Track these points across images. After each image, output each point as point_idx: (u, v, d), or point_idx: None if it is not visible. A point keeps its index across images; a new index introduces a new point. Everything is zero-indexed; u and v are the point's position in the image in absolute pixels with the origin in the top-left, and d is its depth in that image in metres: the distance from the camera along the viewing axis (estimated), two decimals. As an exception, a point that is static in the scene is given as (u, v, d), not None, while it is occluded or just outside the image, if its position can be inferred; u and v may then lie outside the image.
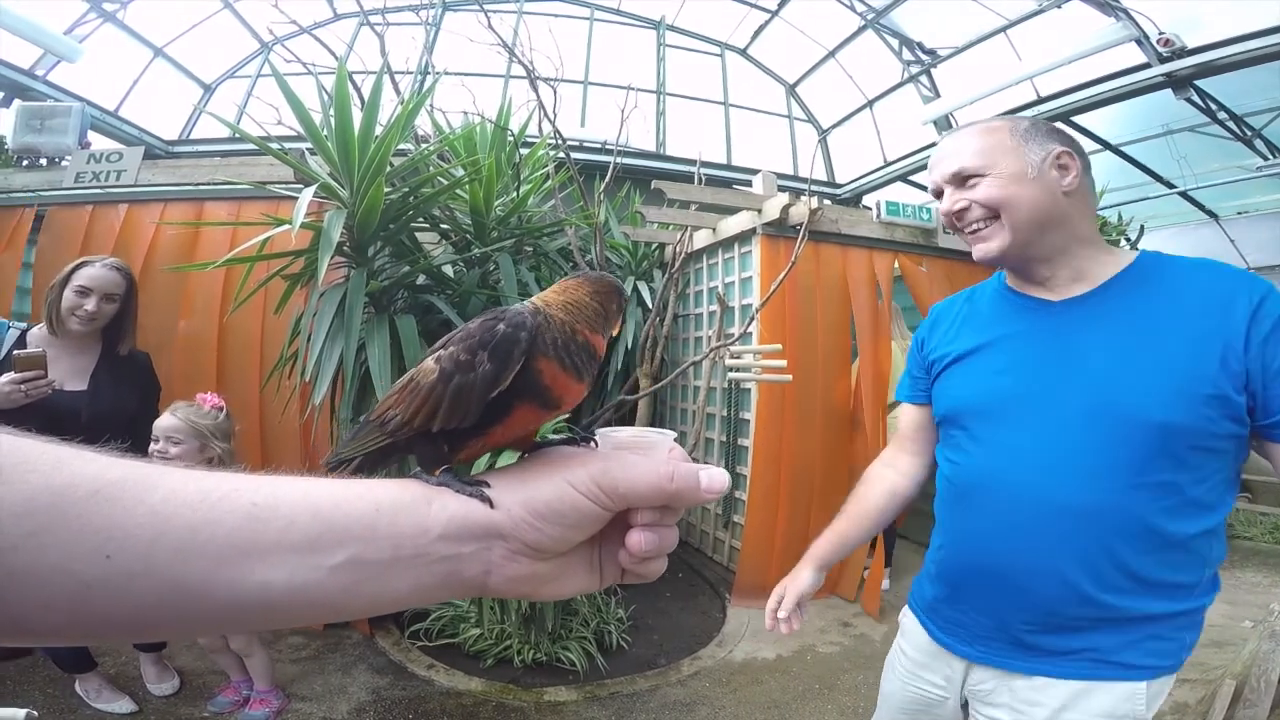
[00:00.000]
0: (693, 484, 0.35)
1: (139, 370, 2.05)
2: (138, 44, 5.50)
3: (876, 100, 6.86)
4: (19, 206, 2.85)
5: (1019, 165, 0.90)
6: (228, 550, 0.30)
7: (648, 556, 0.36)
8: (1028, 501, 0.89)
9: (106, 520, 0.28)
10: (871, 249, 3.41)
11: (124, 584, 0.28)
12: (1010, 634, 0.92)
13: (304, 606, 0.32)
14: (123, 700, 2.11)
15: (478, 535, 0.34)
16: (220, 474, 0.32)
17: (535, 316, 0.39)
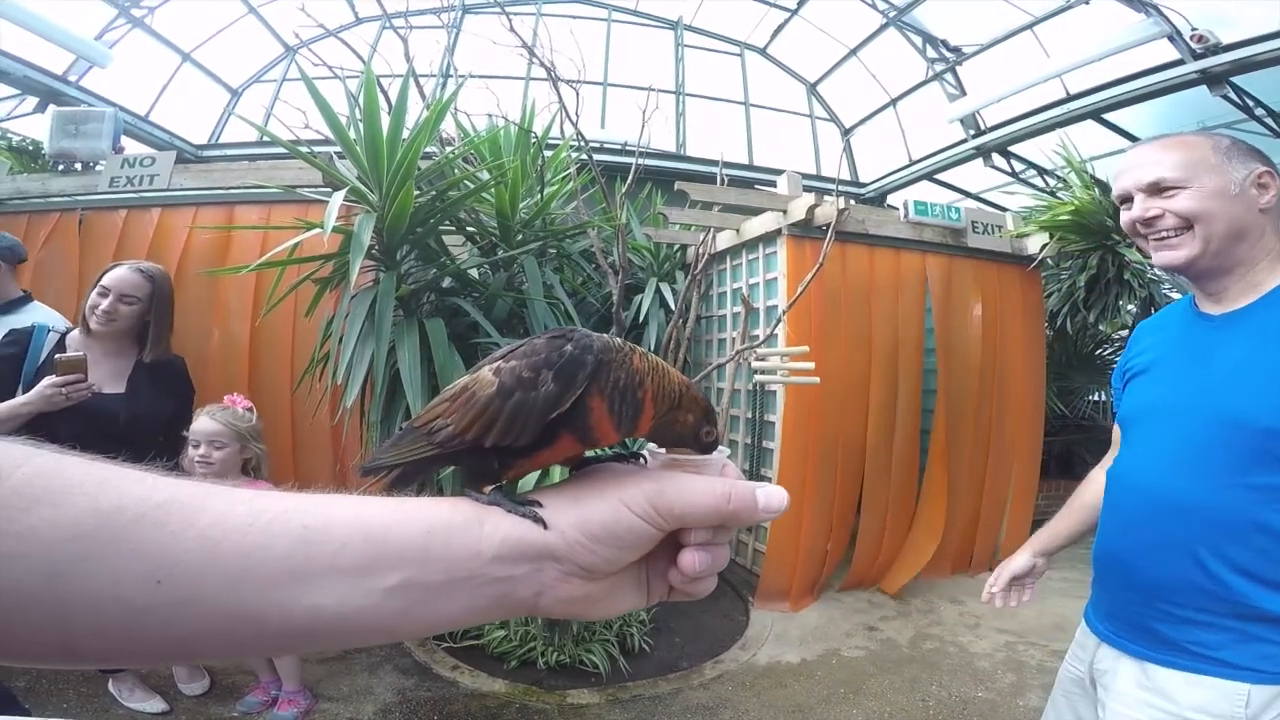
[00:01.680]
0: (750, 504, 0.34)
1: (175, 374, 2.07)
2: (166, 49, 5.60)
3: (900, 99, 6.77)
4: (56, 211, 2.92)
5: (1222, 182, 0.94)
6: (280, 575, 0.29)
7: (700, 576, 0.35)
8: (1145, 496, 0.98)
9: (156, 545, 0.28)
10: (899, 249, 3.37)
11: (175, 610, 0.28)
12: (1129, 617, 0.99)
13: (355, 630, 0.31)
14: (154, 700, 2.14)
15: (531, 557, 0.33)
16: (268, 494, 0.32)
17: (608, 348, 0.37)
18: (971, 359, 3.48)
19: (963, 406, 3.46)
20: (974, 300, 3.51)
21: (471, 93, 4.27)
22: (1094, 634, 1.07)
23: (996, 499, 3.57)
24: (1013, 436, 3.58)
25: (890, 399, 3.28)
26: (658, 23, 7.27)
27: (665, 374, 0.38)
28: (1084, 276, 3.79)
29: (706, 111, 7.03)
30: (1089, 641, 1.09)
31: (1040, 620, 2.92)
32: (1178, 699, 0.91)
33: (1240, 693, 0.87)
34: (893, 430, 3.29)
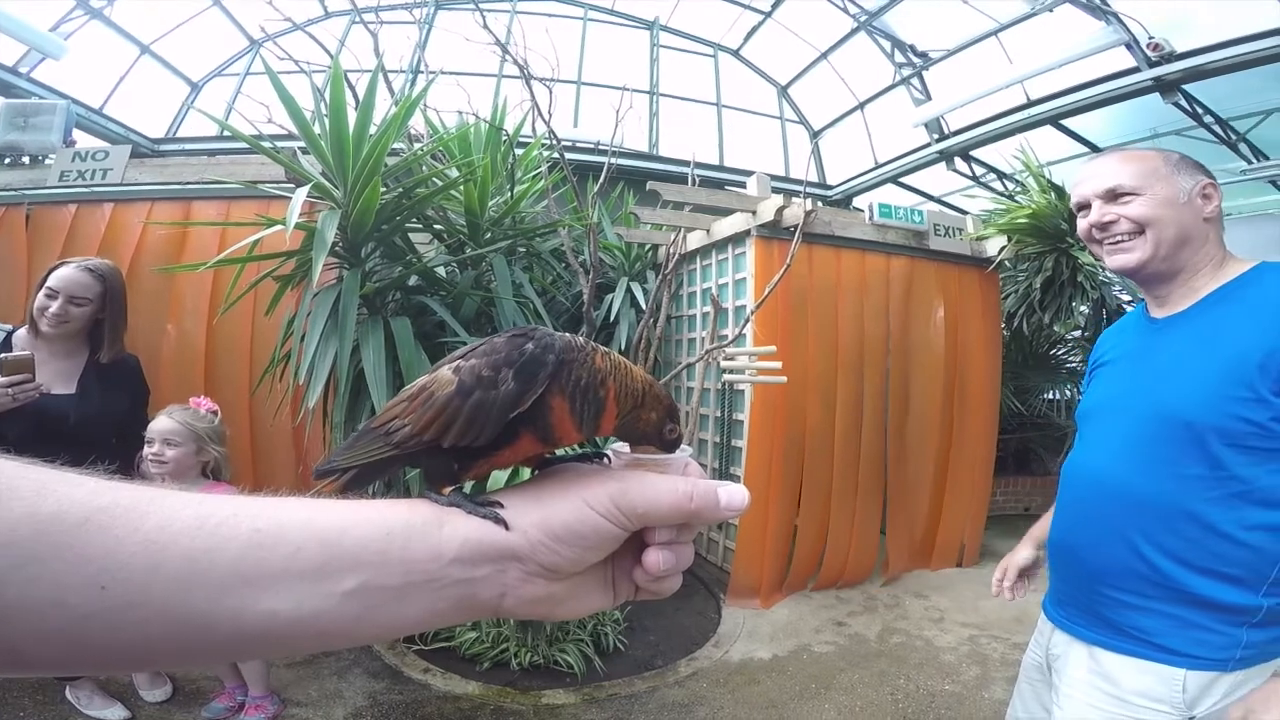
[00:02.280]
0: (712, 502, 0.35)
1: (128, 374, 2.01)
2: (124, 41, 5.42)
3: (868, 102, 6.90)
4: (1, 205, 2.79)
5: (1172, 191, 1.01)
6: (230, 579, 0.29)
7: (664, 575, 0.36)
8: (1092, 487, 1.05)
9: (99, 550, 0.27)
10: (864, 251, 3.43)
11: (122, 616, 0.27)
12: (1080, 603, 1.05)
13: (313, 635, 0.31)
14: (115, 707, 2.07)
15: (493, 558, 0.33)
16: (217, 498, 0.31)
17: (569, 347, 0.37)
18: (934, 358, 3.57)
19: (925, 405, 3.55)
20: (936, 301, 3.60)
21: (443, 89, 4.23)
22: (1050, 621, 1.13)
23: (958, 495, 3.67)
24: (970, 434, 3.68)
25: (856, 398, 3.35)
26: (634, 22, 7.28)
27: (628, 372, 0.38)
28: (1040, 278, 3.91)
29: (680, 112, 7.07)
30: (1046, 628, 1.14)
31: (1001, 614, 3.01)
32: (1121, 683, 0.95)
33: (1177, 678, 0.91)
34: (860, 428, 3.35)
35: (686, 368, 3.20)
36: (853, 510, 3.37)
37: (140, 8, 5.36)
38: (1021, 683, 1.22)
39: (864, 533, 3.42)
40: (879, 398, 3.44)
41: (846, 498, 3.35)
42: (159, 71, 5.78)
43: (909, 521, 3.56)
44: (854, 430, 3.34)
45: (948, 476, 3.63)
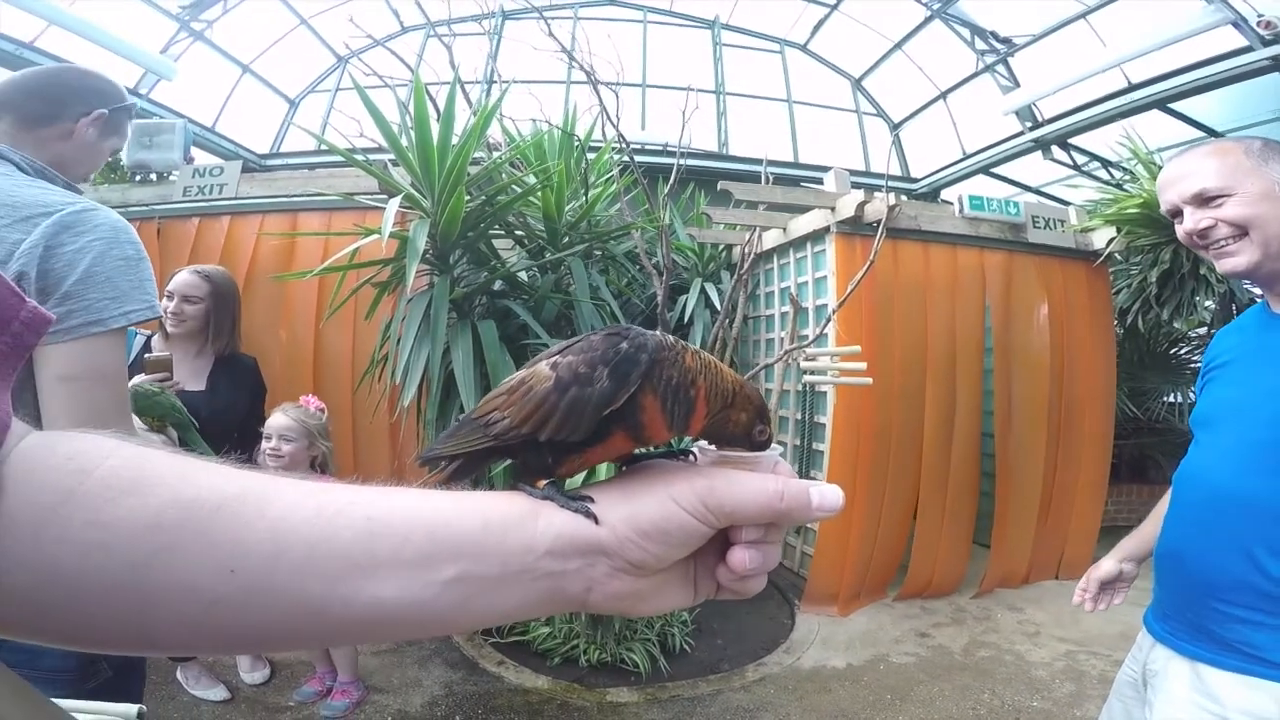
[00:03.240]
0: (804, 502, 0.33)
1: (248, 373, 2.18)
2: (226, 61, 5.85)
3: (950, 92, 6.57)
4: (136, 220, 3.07)
5: (1265, 184, 0.94)
6: (344, 566, 0.30)
7: (750, 575, 0.35)
8: (1206, 493, 0.98)
9: (230, 536, 0.28)
10: (955, 246, 3.27)
11: (245, 600, 0.28)
12: (1185, 617, 0.99)
13: (415, 622, 0.32)
14: (218, 688, 2.25)
15: (583, 552, 0.33)
16: (335, 487, 0.32)
17: (662, 346, 0.37)
18: (1036, 359, 3.34)
19: (1027, 409, 3.33)
20: (1037, 298, 3.37)
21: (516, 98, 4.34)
22: (1150, 635, 1.07)
23: (1065, 504, 3.42)
24: (1080, 440, 3.42)
25: (948, 401, 3.18)
26: (694, 22, 7.23)
27: (719, 372, 0.38)
28: (1156, 272, 3.59)
29: (749, 110, 6.95)
30: (1145, 643, 1.09)
31: (1105, 629, 2.78)
32: (1224, 700, 0.90)
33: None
34: (951, 434, 3.18)
35: (764, 369, 3.13)
36: (942, 518, 3.20)
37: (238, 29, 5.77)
38: (1113, 699, 1.16)
39: (954, 542, 3.25)
40: (974, 400, 3.25)
41: (935, 505, 3.19)
42: (260, 89, 6.23)
43: (1008, 532, 3.34)
44: (945, 434, 3.17)
45: (1054, 485, 3.39)
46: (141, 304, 0.91)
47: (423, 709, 2.25)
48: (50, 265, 0.84)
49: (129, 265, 0.90)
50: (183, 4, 5.17)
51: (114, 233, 0.90)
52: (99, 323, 0.86)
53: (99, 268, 0.87)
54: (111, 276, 0.88)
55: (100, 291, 0.87)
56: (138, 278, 0.91)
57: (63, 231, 0.86)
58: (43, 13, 3.95)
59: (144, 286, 0.92)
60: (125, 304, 0.89)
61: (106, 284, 0.87)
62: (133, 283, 0.90)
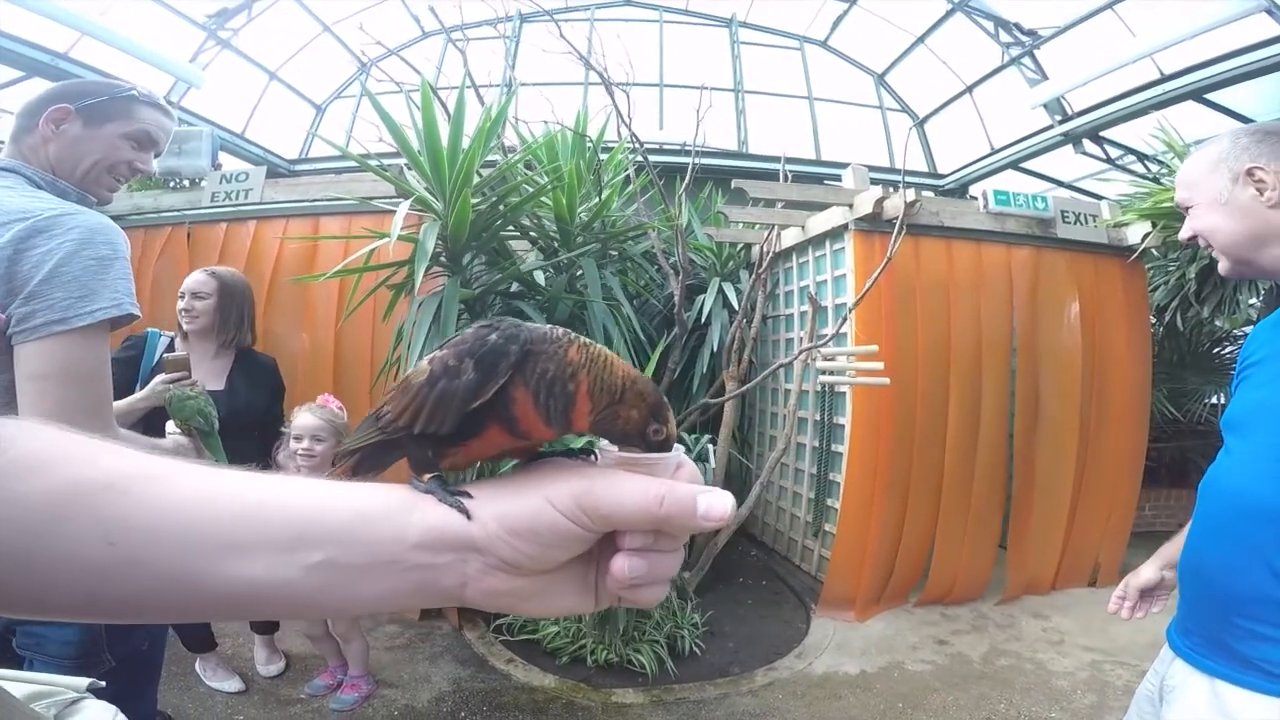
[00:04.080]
0: (687, 509, 0.32)
1: (267, 372, 2.23)
2: (254, 69, 6.00)
3: (976, 86, 6.41)
4: (168, 225, 3.19)
5: (1211, 193, 0.92)
6: (216, 544, 0.31)
7: (636, 584, 0.33)
8: (1230, 502, 0.93)
9: (115, 511, 0.31)
10: (979, 242, 3.18)
11: (124, 571, 0.31)
12: (1206, 632, 0.94)
13: (282, 601, 0.33)
14: (233, 680, 2.31)
15: (454, 547, 0.33)
16: (228, 472, 0.34)
17: (539, 339, 0.36)
18: (1065, 358, 3.22)
19: (1056, 410, 3.21)
20: (1067, 295, 3.25)
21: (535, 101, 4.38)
22: (1171, 648, 1.03)
23: (1094, 509, 3.29)
24: (1113, 442, 3.29)
25: (973, 402, 3.09)
26: (711, 21, 7.19)
27: (608, 366, 0.36)
28: (1195, 268, 3.44)
29: (769, 108, 6.88)
30: (1166, 656, 1.05)
31: (1135, 638, 2.67)
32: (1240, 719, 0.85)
33: None
34: (976, 436, 3.08)
35: (779, 368, 3.09)
36: (965, 522, 3.11)
37: (264, 36, 5.90)
38: (1131, 713, 1.12)
39: (978, 546, 3.15)
40: (1001, 400, 3.15)
41: (959, 508, 3.10)
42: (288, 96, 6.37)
43: (1035, 537, 3.23)
44: (969, 435, 3.08)
45: (1082, 489, 3.27)
46: (109, 302, 0.91)
47: (429, 704, 2.28)
48: (18, 267, 0.87)
49: (100, 265, 0.91)
50: (209, 13, 5.30)
51: (88, 234, 0.91)
52: (63, 321, 0.87)
53: (66, 268, 0.88)
54: (79, 276, 0.89)
55: (66, 291, 0.88)
56: (109, 277, 0.92)
57: (35, 235, 0.88)
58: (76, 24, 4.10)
59: (114, 285, 0.92)
60: (92, 303, 0.89)
61: (73, 283, 0.88)
62: (103, 281, 0.91)
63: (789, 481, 3.58)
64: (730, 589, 3.32)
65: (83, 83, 1.12)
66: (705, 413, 3.29)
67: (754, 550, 3.86)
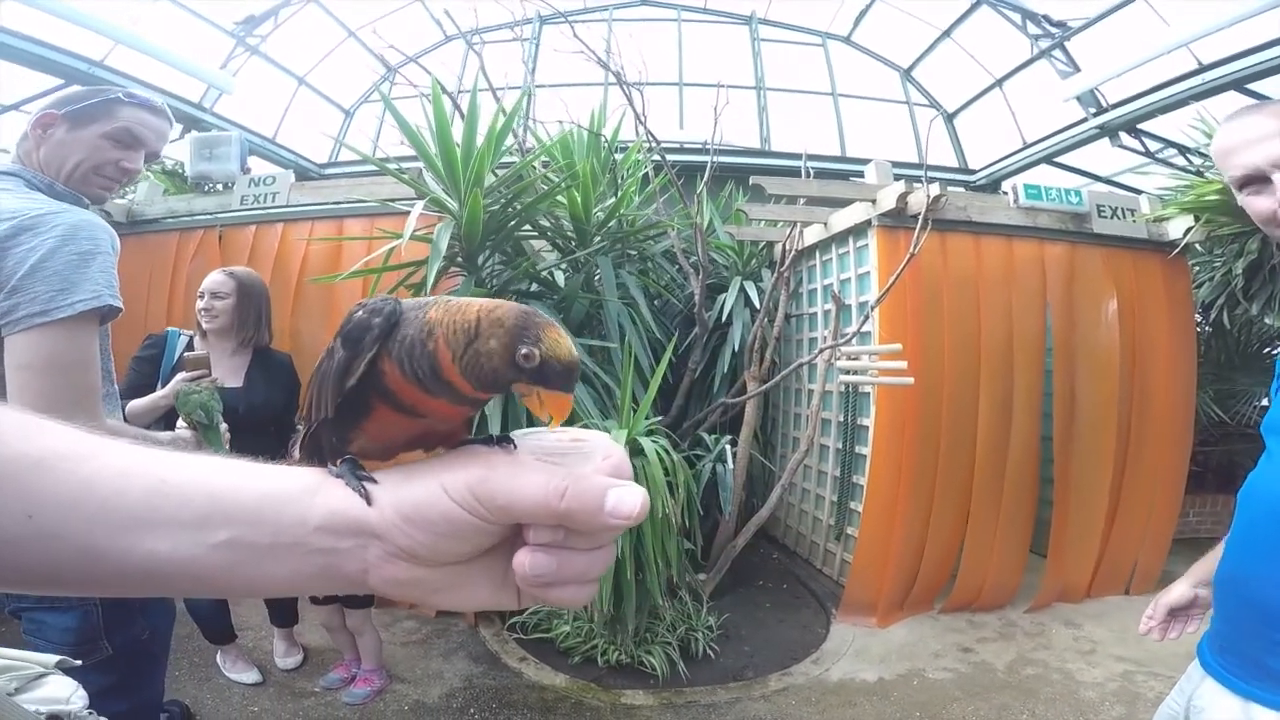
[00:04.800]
0: (593, 505, 0.30)
1: (283, 369, 2.28)
2: (283, 74, 6.12)
3: (1006, 79, 6.24)
4: (200, 228, 3.28)
5: None
6: (127, 520, 0.32)
7: (542, 582, 0.31)
8: (1271, 508, 0.87)
9: (37, 486, 0.31)
10: (1010, 237, 3.08)
11: (38, 543, 0.31)
12: (1241, 649, 0.89)
13: (187, 577, 0.33)
14: (251, 672, 2.36)
15: (353, 531, 0.32)
16: (153, 452, 0.34)
17: (405, 309, 0.34)
18: (1103, 357, 3.10)
19: (1093, 411, 3.08)
20: (1104, 292, 3.12)
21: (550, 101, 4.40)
22: (1201, 666, 0.97)
23: (1133, 514, 3.15)
24: (1154, 445, 3.15)
25: (1004, 402, 2.98)
26: (731, 19, 7.13)
27: (464, 309, 0.33)
28: (1242, 263, 3.28)
29: (793, 105, 6.77)
30: (1195, 674, 1.00)
31: (1171, 648, 2.49)
32: None
33: None
34: (1007, 437, 2.98)
35: (799, 368, 3.03)
36: (995, 527, 3.01)
37: (291, 42, 6.02)
38: None
39: (1008, 552, 3.04)
40: (1033, 401, 3.04)
41: (988, 513, 2.99)
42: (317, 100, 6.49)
43: (1070, 542, 3.10)
44: (1000, 437, 2.97)
45: (1122, 493, 3.13)
46: (89, 294, 0.94)
47: (440, 700, 2.29)
48: (3, 263, 0.91)
49: (82, 260, 0.95)
50: (237, 20, 5.43)
51: (71, 230, 0.95)
52: (44, 313, 0.91)
53: (48, 263, 0.92)
54: (60, 270, 0.92)
55: (47, 285, 0.91)
56: (90, 271, 0.95)
57: (21, 232, 0.93)
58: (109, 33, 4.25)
59: (95, 279, 0.95)
60: (72, 295, 0.92)
61: (54, 277, 0.92)
62: (84, 275, 0.94)
63: (811, 483, 3.51)
64: (749, 592, 3.27)
65: (75, 90, 1.17)
66: (726, 413, 3.26)
67: (775, 553, 3.80)
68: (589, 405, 2.55)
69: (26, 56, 3.87)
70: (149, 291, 3.15)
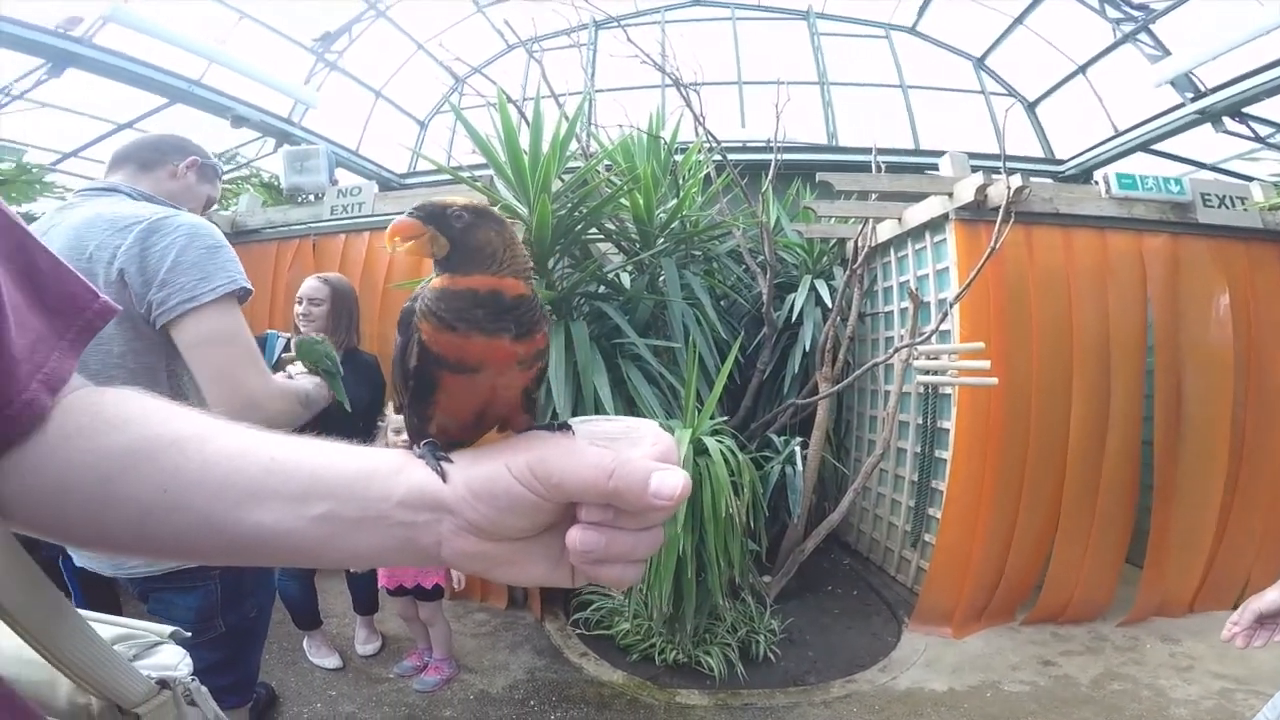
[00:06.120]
0: (638, 485, 0.32)
1: (371, 369, 2.44)
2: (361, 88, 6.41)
3: (1089, 65, 5.88)
4: (296, 238, 3.50)
5: None
6: (242, 495, 0.36)
7: (592, 559, 0.33)
8: None
9: (171, 463, 0.36)
10: (1104, 229, 2.89)
11: (171, 514, 0.36)
12: None
13: (287, 548, 0.36)
14: (333, 657, 2.50)
15: (431, 506, 0.35)
16: (268, 435, 0.38)
17: None
18: (1215, 356, 2.86)
19: (1203, 414, 2.86)
20: (1214, 286, 2.88)
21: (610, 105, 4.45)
22: None
23: (1248, 524, 2.89)
24: (1276, 450, 2.88)
25: (1100, 404, 2.79)
26: (787, 15, 7.01)
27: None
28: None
29: (859, 99, 6.58)
30: None
31: (1275, 664, 2.35)
32: None
33: None
34: (1103, 441, 2.79)
35: (872, 368, 2.95)
36: (1088, 536, 2.82)
37: (366, 56, 6.30)
38: None
39: (1101, 562, 2.84)
40: (1134, 403, 2.84)
41: (1080, 521, 2.81)
42: (393, 112, 6.75)
43: (1173, 554, 2.87)
44: (1095, 441, 2.79)
45: (1234, 502, 2.88)
46: (225, 279, 1.11)
47: (503, 692, 2.36)
48: (146, 262, 1.07)
49: (209, 253, 1.11)
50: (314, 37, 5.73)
51: (192, 229, 1.11)
52: (193, 299, 1.07)
53: (183, 258, 1.08)
54: (196, 263, 1.09)
55: (188, 276, 1.08)
56: (219, 260, 1.11)
57: (151, 234, 1.08)
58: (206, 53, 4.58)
59: (226, 267, 1.12)
60: (212, 281, 1.09)
61: (192, 269, 1.08)
62: (216, 265, 1.10)
63: (887, 488, 3.40)
64: (817, 597, 3.20)
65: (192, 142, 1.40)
66: (796, 414, 3.21)
67: (847, 559, 3.70)
68: (654, 405, 2.57)
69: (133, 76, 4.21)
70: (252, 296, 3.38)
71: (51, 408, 0.38)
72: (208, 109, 4.66)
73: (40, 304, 0.40)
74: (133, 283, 1.07)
